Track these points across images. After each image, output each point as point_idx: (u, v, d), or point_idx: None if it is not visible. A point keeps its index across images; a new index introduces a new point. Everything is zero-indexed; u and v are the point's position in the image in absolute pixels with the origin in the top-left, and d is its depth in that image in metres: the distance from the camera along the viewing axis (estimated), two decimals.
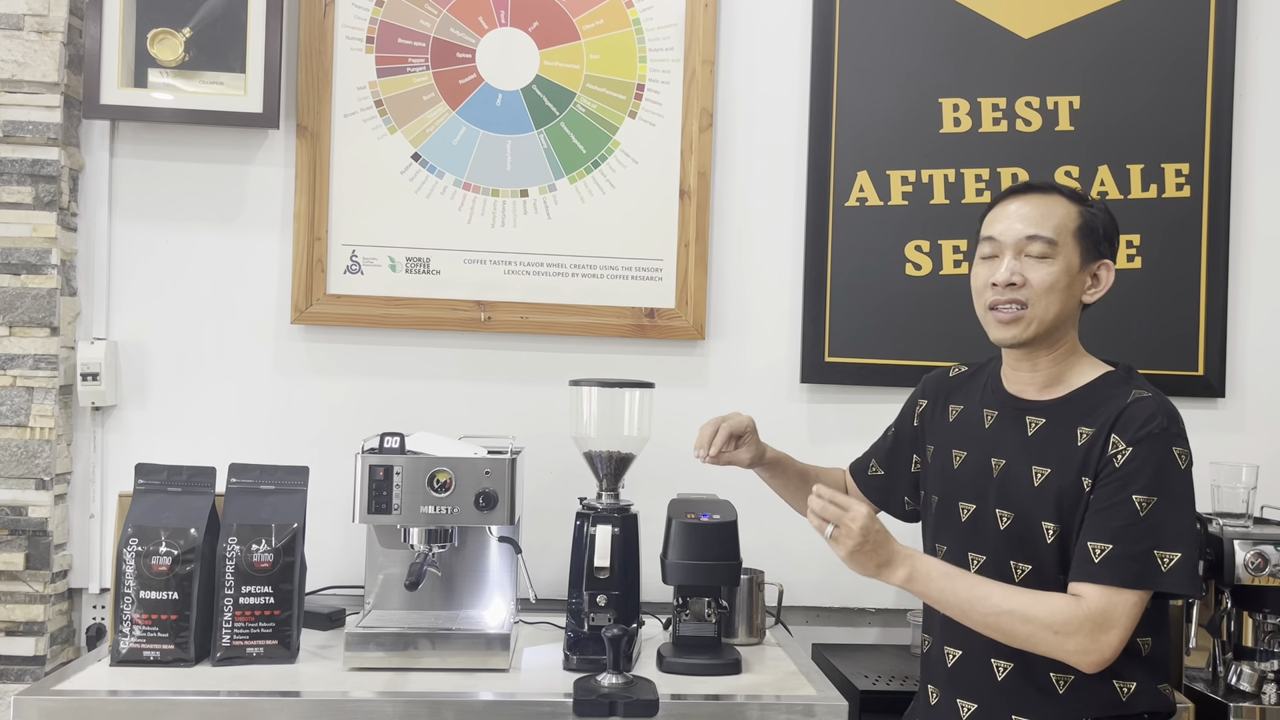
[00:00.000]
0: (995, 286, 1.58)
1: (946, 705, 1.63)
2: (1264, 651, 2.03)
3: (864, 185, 2.41)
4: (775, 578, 2.25)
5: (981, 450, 1.64)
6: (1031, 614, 1.46)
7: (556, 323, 2.36)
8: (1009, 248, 1.58)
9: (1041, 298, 1.56)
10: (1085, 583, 1.46)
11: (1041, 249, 1.56)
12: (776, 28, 2.43)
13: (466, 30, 2.36)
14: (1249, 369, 2.48)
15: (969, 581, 1.51)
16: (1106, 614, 1.44)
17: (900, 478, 1.85)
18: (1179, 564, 1.45)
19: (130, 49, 2.24)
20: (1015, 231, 1.58)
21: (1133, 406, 1.51)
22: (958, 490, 1.66)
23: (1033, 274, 1.56)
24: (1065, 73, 2.44)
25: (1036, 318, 1.56)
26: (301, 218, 2.31)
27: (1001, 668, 1.56)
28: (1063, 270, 1.57)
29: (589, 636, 1.90)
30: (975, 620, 1.49)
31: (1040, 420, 1.59)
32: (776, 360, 2.42)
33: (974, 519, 1.62)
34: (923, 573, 1.51)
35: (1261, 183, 2.50)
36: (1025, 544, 1.55)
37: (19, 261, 2.21)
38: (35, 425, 2.21)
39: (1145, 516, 1.46)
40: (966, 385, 1.75)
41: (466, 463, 1.91)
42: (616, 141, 2.38)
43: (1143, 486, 1.47)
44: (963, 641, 1.60)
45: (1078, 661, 1.46)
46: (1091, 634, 1.44)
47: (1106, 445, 1.50)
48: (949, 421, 1.73)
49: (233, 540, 1.87)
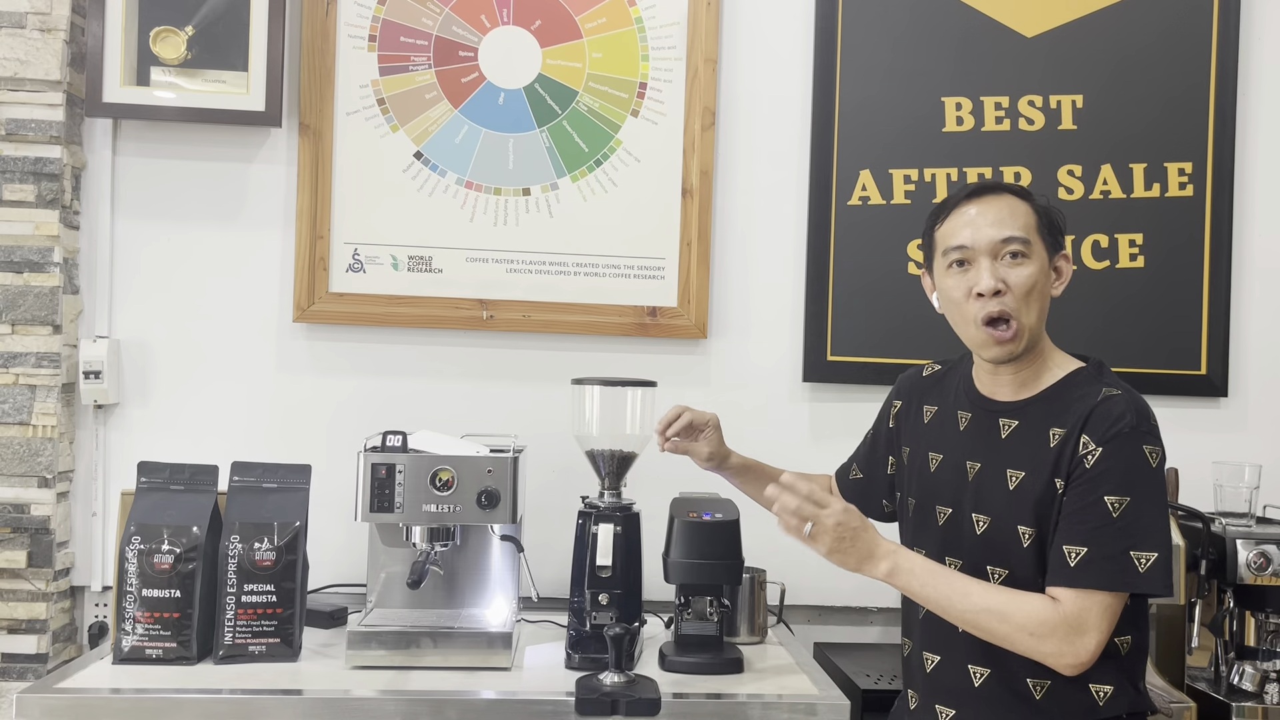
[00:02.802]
0: (981, 297, 1.53)
1: (925, 710, 1.62)
2: (1266, 651, 2.03)
3: (866, 184, 2.41)
4: (777, 577, 2.25)
5: (957, 454, 1.62)
6: (1008, 614, 1.45)
7: (559, 321, 2.36)
8: (984, 253, 1.53)
9: (1023, 302, 1.52)
10: (1062, 587, 1.45)
11: (1017, 249, 1.53)
12: (779, 26, 2.43)
13: (469, 29, 2.36)
14: (1252, 368, 2.48)
15: (950, 577, 1.50)
16: (1081, 618, 1.43)
17: (877, 480, 1.84)
18: (1155, 564, 1.43)
19: (133, 47, 2.24)
20: (988, 236, 1.53)
21: (1102, 405, 1.48)
22: (935, 494, 1.64)
23: (1012, 277, 1.52)
24: (1068, 72, 2.44)
25: (1025, 326, 1.53)
26: (304, 216, 2.31)
27: (979, 673, 1.54)
28: (1038, 268, 1.54)
29: (591, 635, 1.89)
30: (955, 616, 1.48)
31: (1013, 423, 1.57)
32: (779, 359, 2.42)
33: (950, 523, 1.61)
34: (905, 567, 1.50)
35: (1264, 182, 2.49)
36: (1001, 548, 1.54)
37: (21, 260, 2.21)
38: (38, 423, 2.21)
39: (1119, 517, 1.43)
40: (939, 385, 1.73)
41: (469, 461, 1.91)
42: (619, 140, 2.38)
43: (1114, 487, 1.44)
44: (941, 647, 1.59)
45: (1055, 664, 1.44)
46: (1067, 637, 1.42)
47: (1077, 446, 1.48)
48: (924, 423, 1.71)
49: (235, 538, 1.87)
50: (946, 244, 1.57)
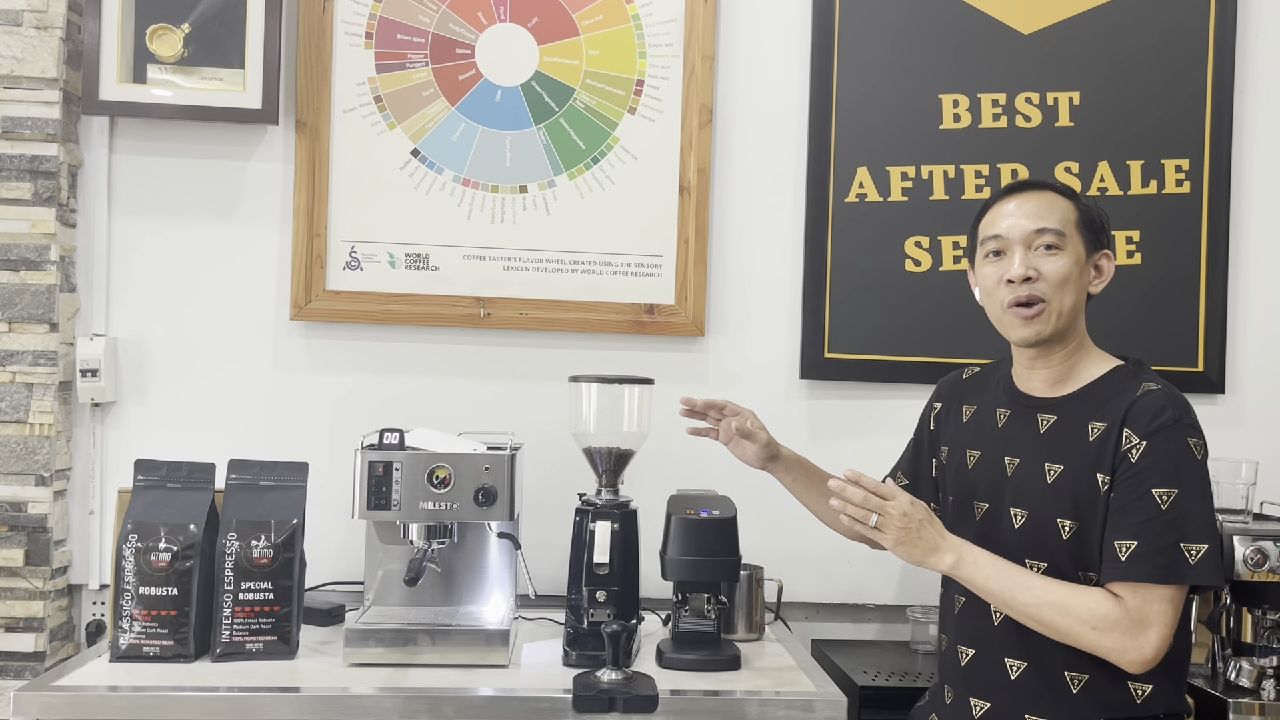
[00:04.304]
0: (1011, 284, 1.58)
1: (960, 704, 1.63)
2: (1263, 647, 2.03)
3: (864, 181, 2.41)
4: (775, 574, 2.25)
5: (995, 449, 1.64)
6: (1071, 607, 1.46)
7: (556, 319, 2.36)
8: (1017, 243, 1.59)
9: (1057, 289, 1.56)
10: (1117, 582, 1.46)
11: (1051, 240, 1.57)
12: (776, 23, 2.43)
13: (466, 26, 2.36)
14: (1249, 365, 2.48)
15: (1015, 572, 1.52)
16: (1143, 612, 1.44)
17: (923, 484, 1.85)
18: (1206, 556, 1.44)
19: (129, 45, 2.24)
20: (1022, 227, 1.59)
21: (1142, 400, 1.51)
22: (972, 490, 1.66)
23: (1045, 266, 1.57)
24: (1065, 68, 2.43)
25: (1055, 310, 1.57)
26: (301, 214, 2.31)
27: (1015, 666, 1.56)
28: (1073, 261, 1.58)
29: (588, 632, 1.90)
30: (1018, 610, 1.50)
31: (1052, 417, 1.59)
32: (776, 356, 2.42)
33: (988, 518, 1.62)
34: (970, 559, 1.52)
35: (1261, 178, 2.50)
36: (1040, 542, 1.55)
37: (18, 258, 2.21)
38: (35, 421, 2.21)
39: (1167, 510, 1.45)
40: (979, 386, 1.76)
41: (466, 459, 1.91)
42: (616, 138, 2.38)
43: (1161, 480, 1.46)
44: (976, 640, 1.61)
45: (1118, 660, 1.45)
46: (1129, 632, 1.44)
47: (1120, 440, 1.49)
48: (963, 422, 1.74)
49: (232, 536, 1.87)
50: (985, 234, 1.64)
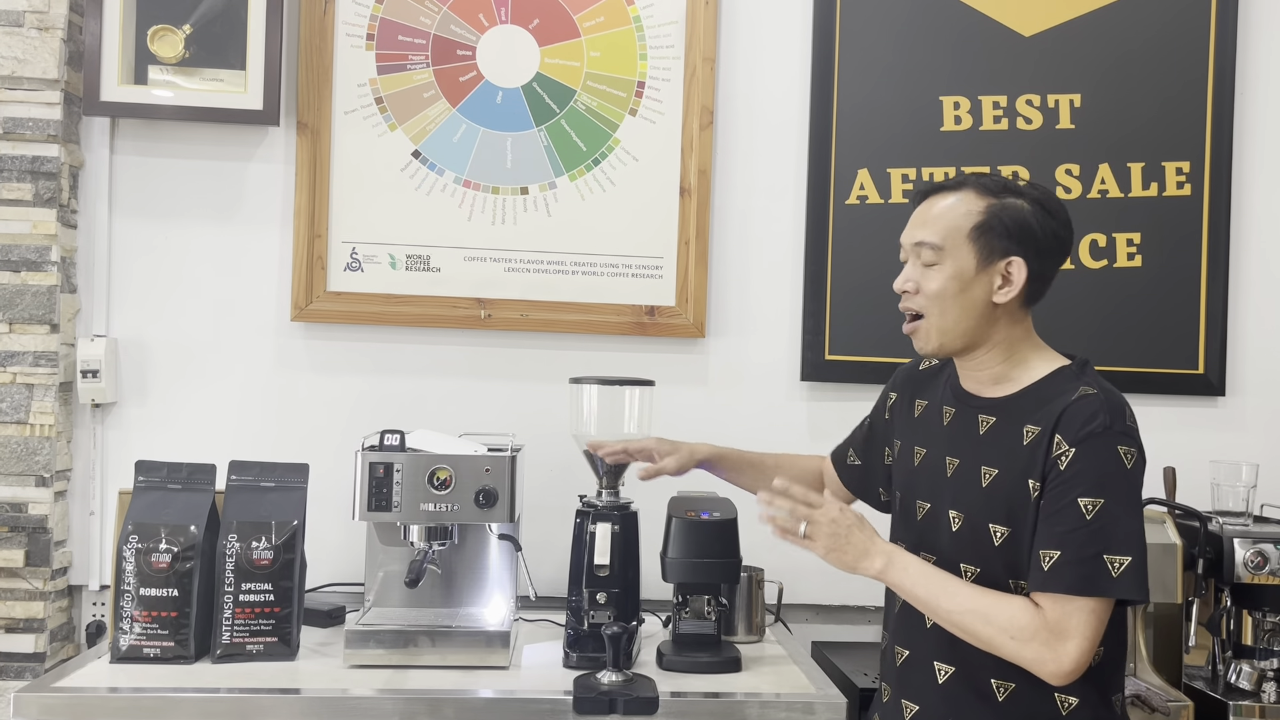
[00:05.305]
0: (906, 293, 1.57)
1: (894, 705, 1.61)
2: (1263, 650, 2.03)
3: (864, 183, 2.41)
4: (775, 576, 2.25)
5: (939, 449, 1.61)
6: (992, 616, 1.43)
7: (557, 320, 2.36)
8: (910, 252, 1.56)
9: (934, 305, 1.53)
10: (1040, 592, 1.43)
11: (929, 256, 1.52)
12: (777, 25, 2.43)
13: (467, 27, 2.36)
14: (1249, 367, 2.48)
15: (942, 579, 1.49)
16: (1062, 623, 1.40)
17: (875, 469, 1.83)
18: (1129, 569, 1.40)
19: (130, 46, 2.24)
20: (909, 236, 1.56)
21: (1076, 404, 1.45)
22: (916, 488, 1.64)
23: (924, 281, 1.54)
24: (1066, 71, 2.44)
25: (934, 327, 1.53)
26: (301, 215, 2.31)
27: (944, 671, 1.53)
28: (951, 275, 1.51)
29: (589, 634, 1.90)
30: (942, 616, 1.48)
31: (992, 419, 1.55)
32: (777, 358, 2.42)
33: (928, 518, 1.60)
34: (900, 565, 1.50)
35: (1262, 181, 2.50)
36: (974, 546, 1.52)
37: (19, 258, 2.21)
38: (35, 422, 2.21)
39: (1092, 520, 1.41)
40: (932, 381, 1.72)
41: (466, 460, 1.91)
42: (617, 139, 2.38)
43: (1087, 489, 1.41)
44: (910, 642, 1.59)
45: (1038, 670, 1.42)
46: (1048, 643, 1.40)
47: (1051, 446, 1.45)
48: (914, 417, 1.70)
49: (233, 537, 1.87)
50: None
